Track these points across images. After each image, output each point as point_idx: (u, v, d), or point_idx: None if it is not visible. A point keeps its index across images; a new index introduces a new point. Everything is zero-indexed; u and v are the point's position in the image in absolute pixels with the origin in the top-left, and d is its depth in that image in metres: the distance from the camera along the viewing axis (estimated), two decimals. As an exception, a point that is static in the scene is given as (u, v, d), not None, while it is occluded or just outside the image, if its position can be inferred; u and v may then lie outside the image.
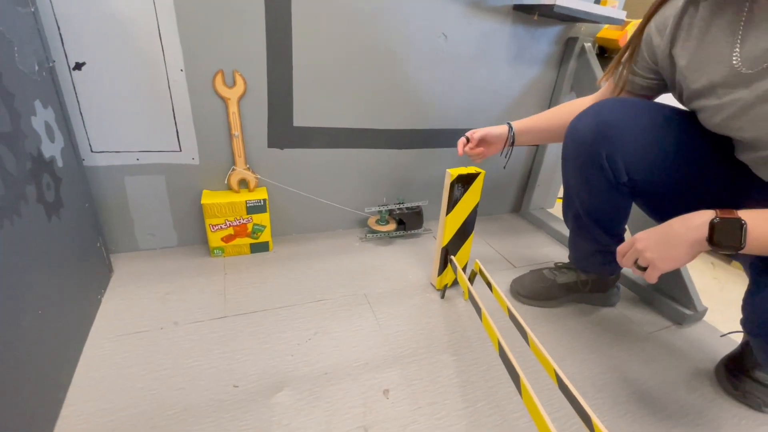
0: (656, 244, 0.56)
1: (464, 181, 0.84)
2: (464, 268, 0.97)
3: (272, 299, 0.88)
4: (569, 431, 0.64)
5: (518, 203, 1.49)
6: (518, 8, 1.07)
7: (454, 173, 0.82)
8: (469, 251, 0.95)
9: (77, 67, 0.79)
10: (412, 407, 0.66)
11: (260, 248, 1.06)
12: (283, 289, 0.92)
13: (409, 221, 1.18)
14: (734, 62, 0.55)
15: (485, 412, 0.66)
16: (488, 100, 1.19)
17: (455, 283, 0.98)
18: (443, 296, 0.94)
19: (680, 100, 0.67)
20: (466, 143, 0.88)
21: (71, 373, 0.66)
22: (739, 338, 0.83)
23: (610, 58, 1.24)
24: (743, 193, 0.64)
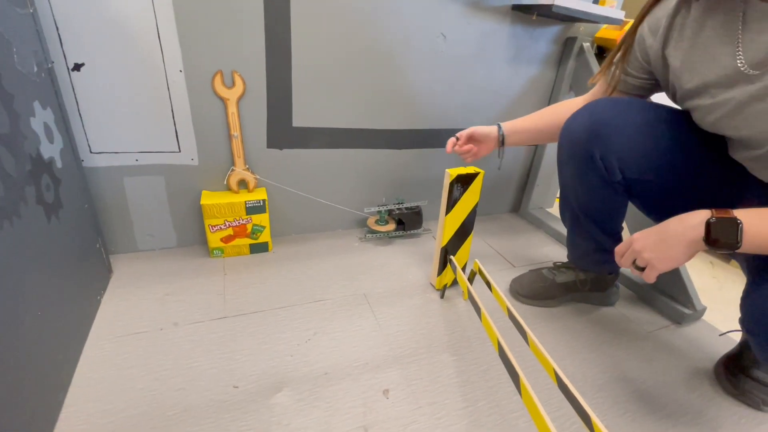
0: (654, 244, 0.56)
1: (463, 181, 0.84)
2: (464, 267, 0.97)
3: (272, 300, 0.88)
4: (569, 430, 0.64)
5: (517, 203, 1.49)
6: (517, 8, 1.07)
7: (453, 173, 0.82)
8: (468, 251, 0.95)
9: (76, 67, 0.79)
10: (412, 407, 0.66)
11: (260, 249, 1.06)
12: (282, 289, 0.92)
13: (408, 221, 1.18)
14: (738, 64, 0.54)
15: (485, 411, 0.67)
16: (487, 99, 1.20)
17: (455, 282, 0.98)
18: (443, 296, 0.94)
19: (674, 99, 0.67)
20: (455, 143, 0.89)
21: (71, 374, 0.66)
22: (738, 337, 0.83)
23: (608, 57, 1.24)
24: (738, 191, 0.65)
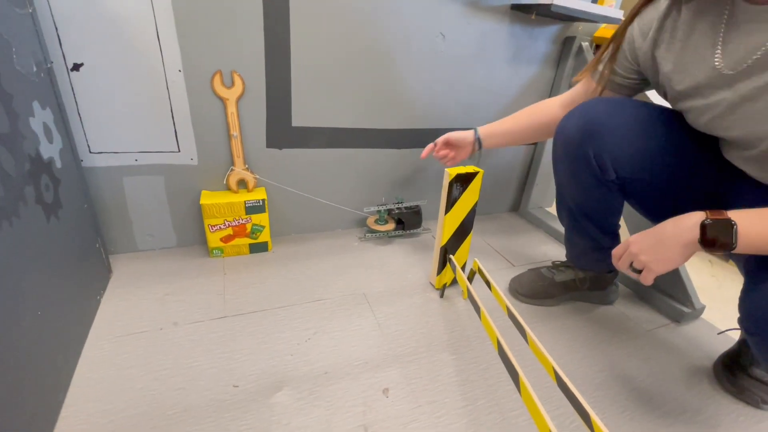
0: (650, 246, 0.57)
1: (463, 180, 0.84)
2: (463, 267, 0.97)
3: (271, 299, 0.88)
4: (568, 428, 0.64)
5: (517, 202, 1.49)
6: (516, 8, 1.07)
7: (452, 172, 0.82)
8: (467, 250, 0.95)
9: (75, 68, 0.79)
10: (411, 406, 0.66)
11: (259, 248, 1.06)
12: (282, 289, 0.92)
13: (408, 221, 1.19)
14: (716, 63, 0.56)
15: (485, 410, 0.67)
16: (486, 99, 1.20)
17: (454, 282, 0.98)
18: (442, 295, 0.94)
19: (666, 99, 0.68)
20: (432, 149, 0.94)
21: (71, 374, 0.66)
22: (736, 335, 0.83)
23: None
24: (733, 190, 0.65)
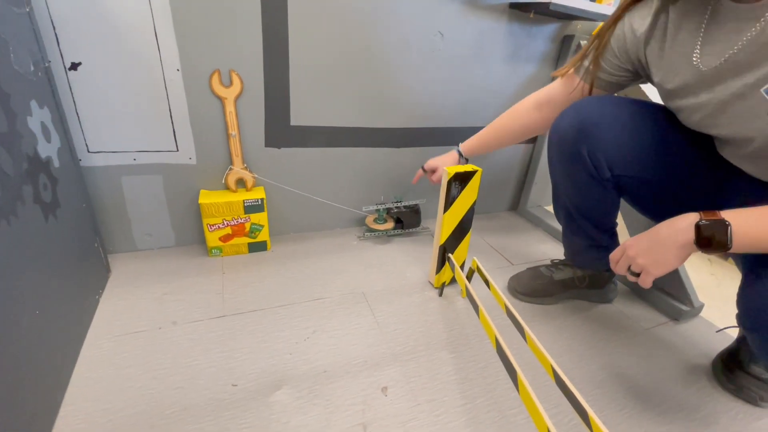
0: (647, 249, 0.57)
1: (461, 179, 0.84)
2: (462, 265, 0.97)
3: (270, 298, 0.88)
4: (567, 426, 0.64)
5: (515, 201, 1.49)
6: (514, 6, 1.07)
7: (451, 171, 0.82)
8: (466, 249, 0.95)
9: (73, 67, 0.78)
10: (410, 404, 0.66)
11: (258, 247, 1.06)
12: (281, 288, 0.92)
13: (406, 220, 1.19)
14: (694, 61, 0.56)
15: (484, 408, 0.67)
16: (485, 98, 1.20)
17: (453, 280, 0.98)
18: (441, 294, 0.94)
19: (660, 97, 0.68)
20: (422, 174, 1.03)
21: (69, 373, 0.66)
22: (735, 333, 0.83)
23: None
24: (729, 187, 0.65)
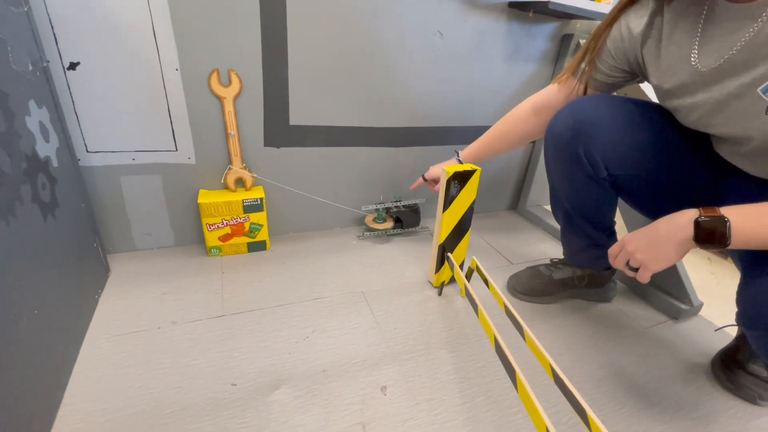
0: (645, 245, 0.57)
1: (461, 178, 0.84)
2: (461, 265, 0.97)
3: (270, 298, 0.88)
4: (566, 425, 0.64)
5: (515, 200, 1.49)
6: (513, 5, 1.07)
7: (450, 170, 0.82)
8: (466, 248, 0.95)
9: (72, 66, 0.78)
10: (409, 403, 0.66)
11: (257, 247, 1.06)
12: (280, 287, 0.92)
13: (406, 219, 1.19)
14: (692, 61, 0.56)
15: (483, 407, 0.67)
16: (484, 97, 1.19)
17: (452, 280, 0.98)
18: (440, 293, 0.94)
19: (657, 97, 0.68)
20: (422, 182, 1.05)
21: (68, 373, 0.66)
22: (734, 332, 0.83)
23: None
24: (727, 185, 0.65)
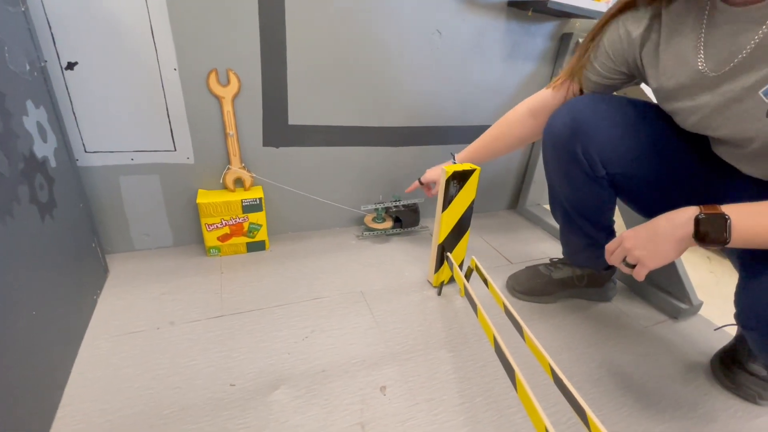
0: (644, 241, 0.57)
1: (460, 177, 0.84)
2: (461, 264, 0.97)
3: (269, 298, 0.88)
4: (565, 425, 0.64)
5: (514, 200, 1.49)
6: (512, 4, 1.07)
7: (449, 170, 0.82)
8: (465, 248, 0.95)
9: (69, 66, 0.78)
10: (409, 403, 0.66)
11: (256, 247, 1.05)
12: (279, 287, 0.92)
13: (405, 219, 1.18)
14: (699, 66, 0.56)
15: (482, 407, 0.67)
16: (483, 96, 1.19)
17: (452, 279, 0.98)
18: (440, 293, 0.94)
19: (656, 100, 0.68)
20: (419, 186, 1.06)
21: (67, 373, 0.66)
22: (733, 331, 0.83)
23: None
24: (725, 185, 0.65)
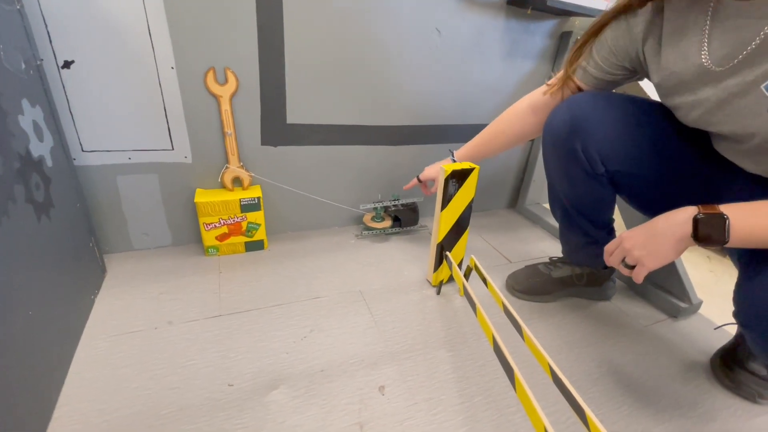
0: (643, 242, 0.57)
1: (459, 176, 0.83)
2: (460, 264, 0.96)
3: (267, 297, 0.88)
4: (564, 424, 0.64)
5: (514, 198, 1.49)
6: (511, 3, 1.07)
7: (448, 169, 0.81)
8: (464, 247, 0.95)
9: (66, 65, 0.78)
10: (408, 403, 0.66)
11: (255, 246, 1.05)
12: (278, 287, 0.92)
13: (404, 218, 1.18)
14: (703, 60, 0.55)
15: (481, 407, 0.67)
16: (483, 95, 1.19)
17: (451, 279, 0.98)
18: (439, 292, 0.94)
19: (657, 95, 0.67)
20: (417, 183, 1.05)
21: (64, 373, 0.65)
22: (733, 330, 0.83)
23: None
24: (725, 182, 0.65)
